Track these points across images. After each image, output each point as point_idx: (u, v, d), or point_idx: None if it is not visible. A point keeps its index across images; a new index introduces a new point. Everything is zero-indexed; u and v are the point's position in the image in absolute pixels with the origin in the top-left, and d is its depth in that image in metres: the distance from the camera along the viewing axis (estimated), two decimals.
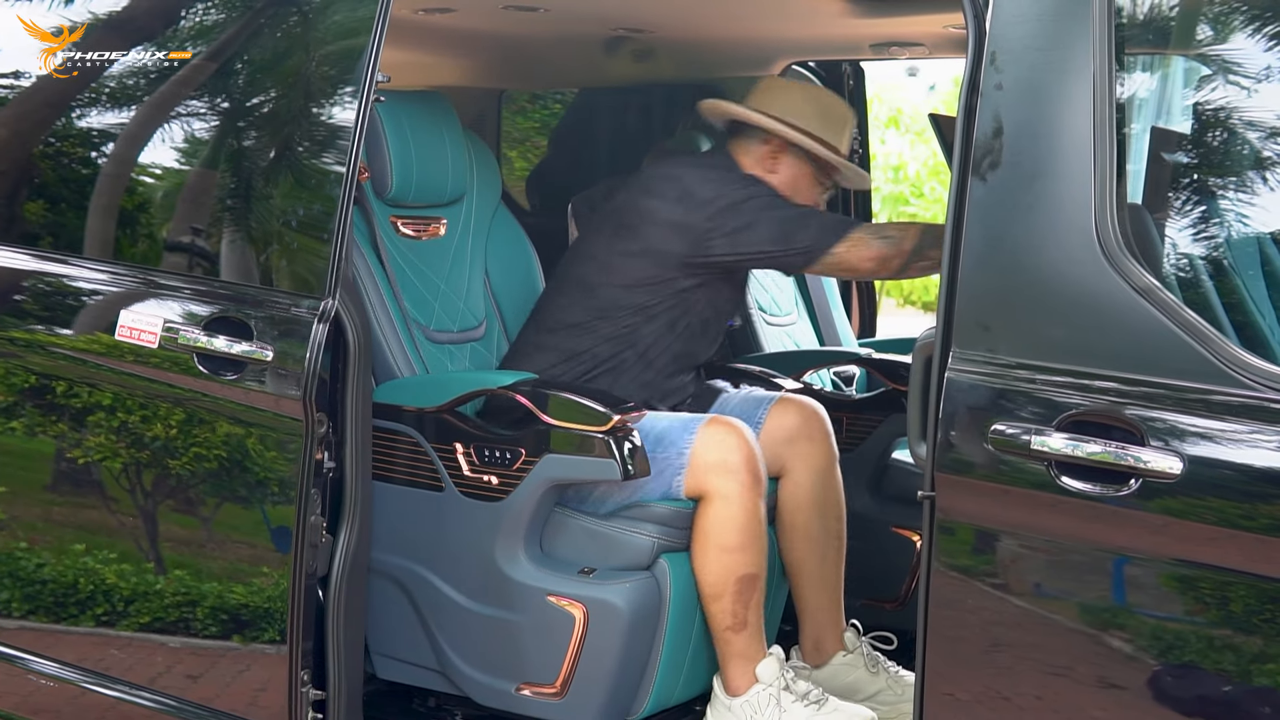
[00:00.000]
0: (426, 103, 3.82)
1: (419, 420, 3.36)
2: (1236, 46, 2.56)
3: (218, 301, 3.20)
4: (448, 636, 3.33)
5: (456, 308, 3.78)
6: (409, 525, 3.37)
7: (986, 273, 2.53)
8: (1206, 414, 2.34)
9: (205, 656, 3.27)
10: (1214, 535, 2.33)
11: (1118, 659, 2.41)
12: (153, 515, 3.32)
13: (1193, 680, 2.36)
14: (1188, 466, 2.32)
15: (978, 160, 2.54)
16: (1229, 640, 2.33)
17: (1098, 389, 2.42)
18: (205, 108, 3.36)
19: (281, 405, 3.08)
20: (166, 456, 3.26)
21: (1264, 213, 2.57)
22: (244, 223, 3.28)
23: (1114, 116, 2.45)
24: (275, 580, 3.12)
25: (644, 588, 3.19)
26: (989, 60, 2.55)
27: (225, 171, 3.33)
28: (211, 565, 3.24)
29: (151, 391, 3.25)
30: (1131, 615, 2.41)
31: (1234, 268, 2.51)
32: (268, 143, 3.28)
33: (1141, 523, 2.37)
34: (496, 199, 3.97)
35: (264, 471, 3.14)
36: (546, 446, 3.19)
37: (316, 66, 3.20)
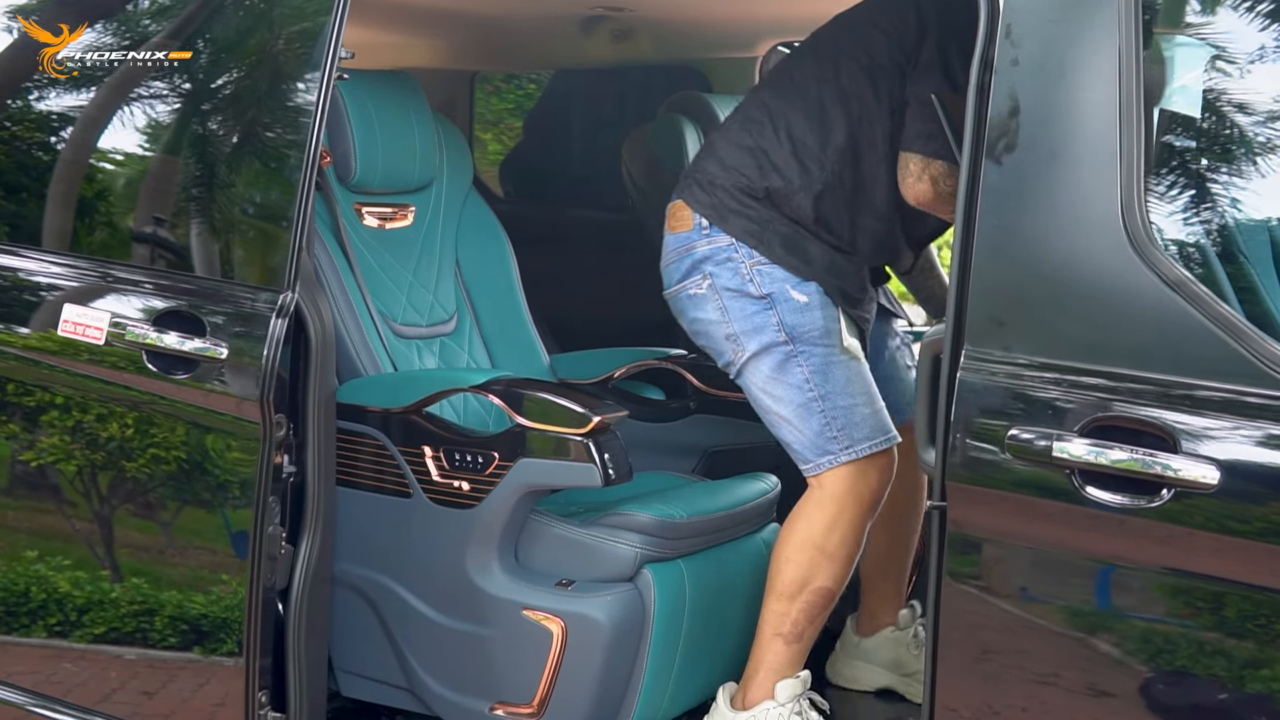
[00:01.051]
0: (393, 83, 3.60)
1: (384, 421, 3.15)
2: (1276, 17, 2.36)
3: (169, 295, 2.98)
4: (416, 652, 3.12)
5: (425, 300, 3.56)
6: (375, 534, 3.16)
7: (1001, 264, 2.33)
8: (1245, 418, 2.15)
9: (162, 670, 3.07)
10: (1254, 550, 2.13)
11: (1147, 680, 2.21)
12: (107, 521, 3.11)
13: (1234, 705, 2.17)
14: (1225, 476, 2.12)
15: (992, 142, 2.33)
16: (1271, 661, 2.13)
17: (1125, 391, 2.22)
18: (160, 90, 3.13)
19: (237, 406, 2.86)
20: (119, 460, 3.04)
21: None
22: (197, 211, 3.06)
23: (1141, 93, 2.25)
24: (233, 590, 2.91)
25: (626, 601, 2.98)
26: (1003, 34, 2.35)
27: (177, 157, 3.11)
28: (169, 573, 3.04)
29: (101, 392, 3.02)
30: (1163, 635, 2.21)
31: (1274, 258, 2.31)
32: (222, 126, 3.05)
33: (1175, 537, 2.17)
34: (467, 185, 3.76)
35: (220, 476, 2.93)
36: (522, 450, 2.98)
37: (276, 42, 2.97)
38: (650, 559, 3.02)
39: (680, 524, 3.06)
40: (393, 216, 3.56)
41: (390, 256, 3.51)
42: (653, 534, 3.02)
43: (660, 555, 3.04)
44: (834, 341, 3.10)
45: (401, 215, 3.58)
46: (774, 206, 3.14)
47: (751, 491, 3.32)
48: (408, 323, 3.50)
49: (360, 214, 3.49)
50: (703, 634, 3.12)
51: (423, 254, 3.60)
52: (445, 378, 3.25)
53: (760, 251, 3.12)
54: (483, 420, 3.46)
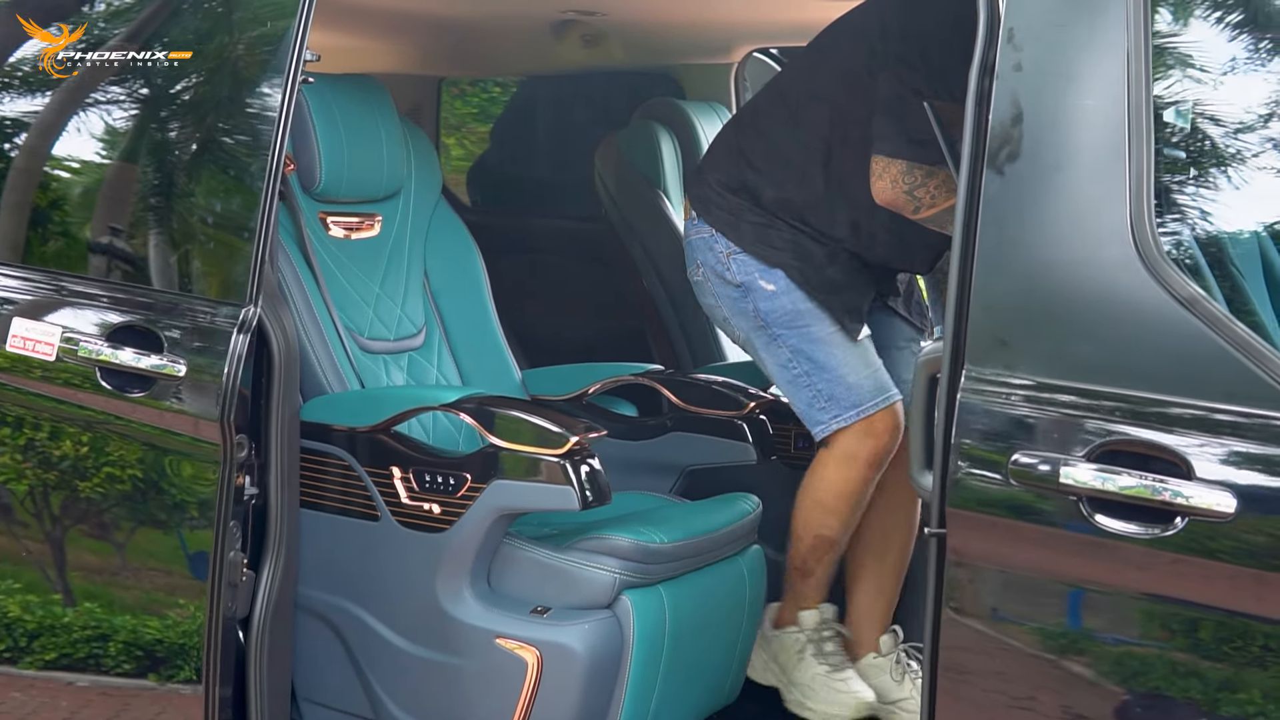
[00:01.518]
0: (359, 88, 3.47)
1: (351, 441, 3.01)
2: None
3: (124, 309, 2.83)
4: (384, 682, 2.98)
5: (393, 314, 3.43)
6: (340, 558, 3.02)
7: (1004, 280, 2.21)
8: (1264, 443, 2.04)
9: (116, 698, 2.92)
10: (1269, 582, 2.02)
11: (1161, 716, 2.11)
12: (59, 544, 2.96)
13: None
14: (1242, 504, 2.02)
15: (993, 151, 2.22)
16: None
17: (1135, 414, 2.10)
18: (117, 95, 2.99)
19: (195, 426, 2.72)
20: (72, 481, 2.89)
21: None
22: (155, 222, 2.91)
23: (1150, 100, 2.14)
24: (191, 615, 2.77)
25: (604, 629, 2.85)
26: (1005, 38, 2.23)
27: (134, 165, 2.96)
28: (124, 598, 2.89)
29: (53, 411, 2.87)
30: (1178, 670, 2.10)
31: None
32: (181, 132, 2.91)
33: (1190, 568, 2.06)
34: (436, 194, 3.63)
35: (178, 498, 2.78)
36: (495, 471, 2.84)
37: (237, 45, 2.83)
38: (629, 585, 2.89)
39: (661, 549, 2.93)
40: (359, 226, 3.43)
41: (356, 268, 3.38)
42: (632, 559, 2.90)
43: (640, 581, 2.91)
44: (806, 322, 3.27)
45: (368, 225, 3.45)
46: (749, 198, 3.33)
47: (733, 513, 3.19)
48: (375, 337, 3.36)
49: (325, 224, 3.36)
50: (684, 662, 3.00)
51: (390, 265, 3.47)
52: (415, 395, 3.12)
53: (734, 241, 3.32)
54: (453, 439, 3.33)
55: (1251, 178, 2.28)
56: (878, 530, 3.44)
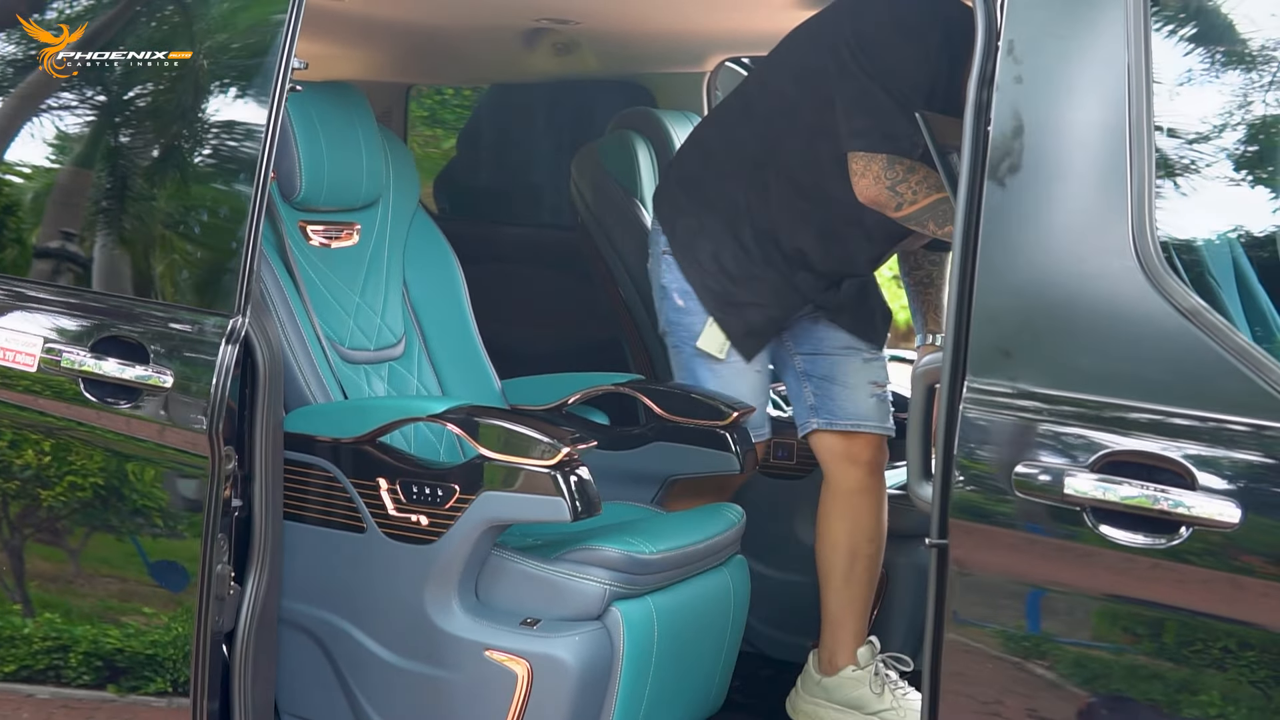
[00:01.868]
0: (338, 95, 3.44)
1: (334, 452, 2.98)
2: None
3: (107, 319, 2.79)
4: (370, 696, 2.95)
5: (373, 323, 3.40)
6: (324, 570, 2.99)
7: (1006, 291, 2.22)
8: (1265, 453, 2.05)
9: (78, 710, 2.87)
10: (1274, 591, 2.04)
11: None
12: (18, 555, 2.91)
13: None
14: (1246, 514, 2.03)
15: (994, 163, 2.23)
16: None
17: (1139, 424, 2.12)
18: (100, 100, 2.94)
19: (182, 438, 2.68)
20: (39, 491, 2.85)
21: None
22: (140, 230, 2.87)
23: (1151, 111, 2.16)
24: (166, 626, 2.73)
25: (594, 640, 2.83)
26: (1005, 50, 2.24)
27: (115, 173, 2.91)
28: (87, 608, 2.85)
29: (33, 422, 2.83)
30: (1184, 681, 2.11)
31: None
32: (168, 140, 2.86)
33: (1194, 578, 2.07)
34: (414, 202, 3.60)
35: (162, 511, 2.74)
36: (484, 482, 2.82)
37: (225, 51, 2.80)
38: (619, 596, 2.88)
39: (650, 559, 2.92)
40: (338, 235, 3.40)
41: (336, 277, 3.35)
42: (621, 570, 2.88)
43: (629, 592, 2.90)
44: (689, 338, 3.44)
45: (347, 234, 3.42)
46: (695, 195, 3.44)
47: (719, 524, 3.19)
48: (355, 347, 3.34)
49: (305, 232, 3.33)
50: (671, 672, 2.99)
51: (369, 275, 3.44)
52: (401, 406, 3.09)
53: (669, 239, 3.46)
54: (433, 449, 3.31)
55: (1257, 188, 2.30)
56: (847, 545, 3.46)
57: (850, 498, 3.47)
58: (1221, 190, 2.30)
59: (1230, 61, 2.28)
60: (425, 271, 3.57)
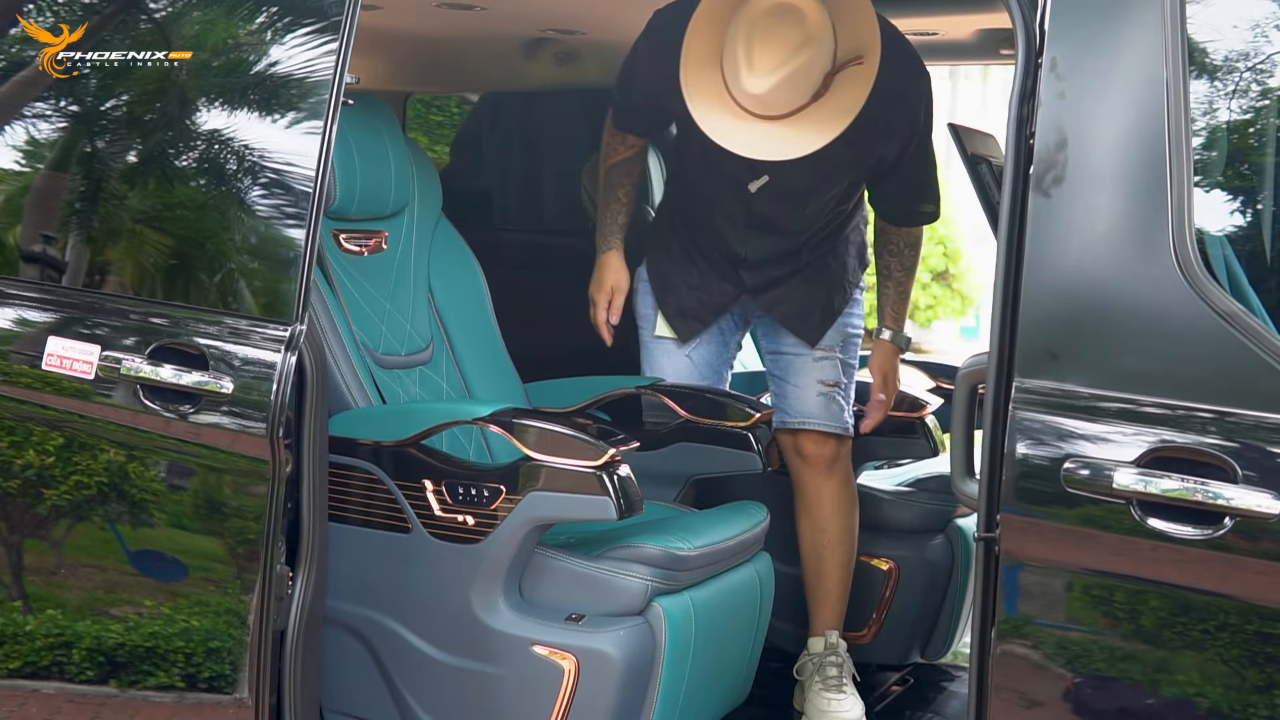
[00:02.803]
0: (367, 107, 3.52)
1: (379, 455, 3.07)
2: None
3: (165, 327, 2.87)
4: (416, 692, 3.04)
5: (403, 329, 3.48)
6: (369, 570, 3.07)
7: (1052, 296, 2.34)
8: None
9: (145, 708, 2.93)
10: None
11: (1213, 716, 2.24)
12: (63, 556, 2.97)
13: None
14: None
15: (1039, 174, 2.35)
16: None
17: (1182, 422, 2.24)
18: (145, 111, 3.01)
19: (242, 442, 2.76)
20: (114, 496, 2.91)
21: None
22: (197, 240, 2.94)
23: (1188, 123, 2.29)
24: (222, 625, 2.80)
25: (638, 635, 2.93)
26: (1049, 67, 2.36)
27: (167, 184, 2.99)
28: (178, 616, 2.89)
29: (91, 428, 2.89)
30: (1225, 666, 2.23)
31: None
32: (226, 151, 2.94)
33: (1238, 566, 2.20)
34: (438, 211, 3.69)
35: (225, 513, 2.81)
36: (530, 483, 2.92)
37: (278, 69, 2.88)
38: (660, 591, 2.98)
39: (688, 555, 3.03)
40: (369, 243, 3.48)
41: (369, 285, 3.43)
42: (662, 566, 2.98)
43: (669, 588, 3.00)
44: (648, 326, 3.70)
45: (377, 242, 3.50)
46: (670, 188, 3.84)
47: (747, 521, 3.30)
48: (388, 352, 3.42)
49: (339, 241, 3.41)
50: (707, 664, 3.10)
51: (398, 282, 3.53)
52: (446, 410, 3.18)
53: (650, 238, 3.77)
54: (462, 449, 3.39)
55: None
56: (809, 538, 3.64)
57: (804, 493, 3.66)
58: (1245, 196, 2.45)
59: (1260, 73, 2.41)
60: (450, 278, 3.66)
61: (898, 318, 3.68)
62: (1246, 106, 2.41)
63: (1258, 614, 2.22)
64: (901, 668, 4.00)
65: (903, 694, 3.90)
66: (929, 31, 3.86)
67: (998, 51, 3.95)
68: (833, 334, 3.64)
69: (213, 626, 2.84)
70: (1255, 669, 2.21)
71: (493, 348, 3.66)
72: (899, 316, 3.68)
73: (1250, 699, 2.21)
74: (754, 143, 3.18)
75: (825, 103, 3.16)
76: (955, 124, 2.95)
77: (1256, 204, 2.46)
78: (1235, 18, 2.39)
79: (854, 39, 3.18)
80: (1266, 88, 2.40)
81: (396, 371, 3.42)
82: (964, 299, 12.14)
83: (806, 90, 3.14)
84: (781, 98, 3.13)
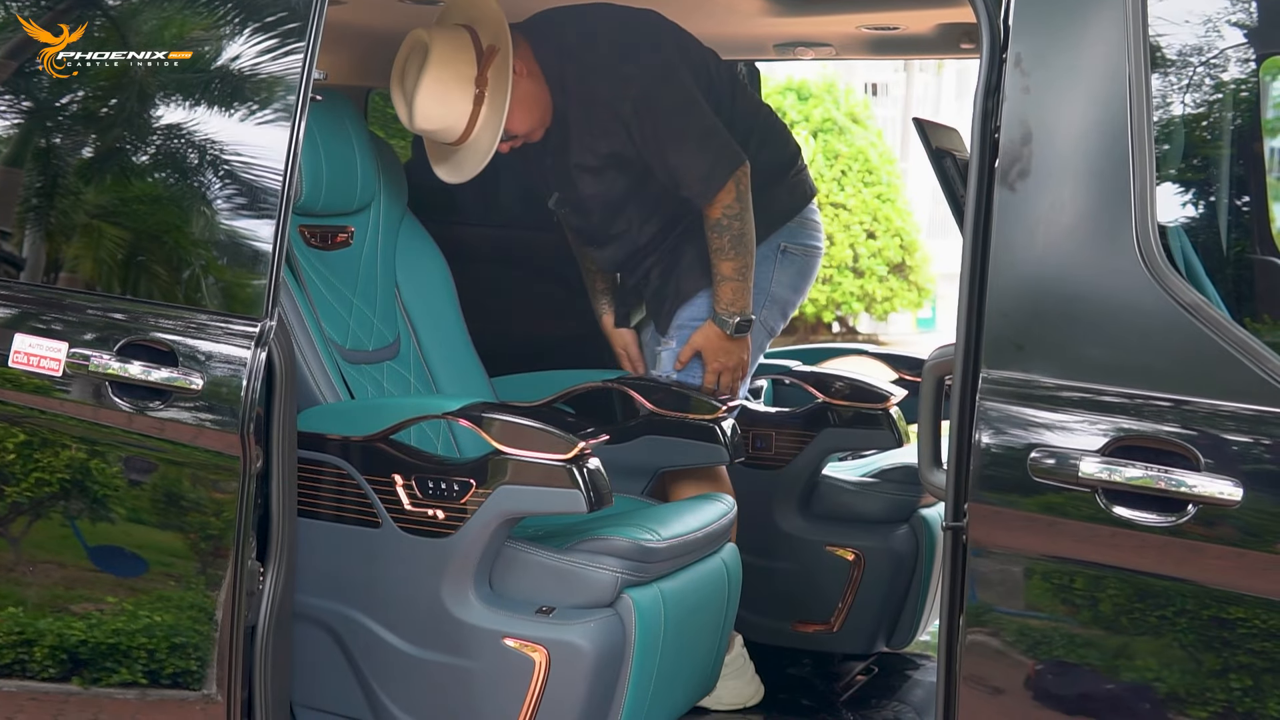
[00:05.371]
0: (333, 103, 3.52)
1: (345, 450, 3.07)
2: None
3: (134, 324, 2.86)
4: (387, 686, 3.05)
5: (370, 325, 3.49)
6: (340, 565, 3.07)
7: (1018, 288, 2.37)
8: (1265, 436, 2.23)
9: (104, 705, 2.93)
10: (1277, 564, 2.21)
11: (1174, 700, 2.28)
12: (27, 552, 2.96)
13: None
14: (1248, 492, 2.20)
15: (1004, 168, 2.38)
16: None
17: (1146, 411, 2.28)
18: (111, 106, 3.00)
19: (212, 439, 2.76)
20: (81, 493, 2.90)
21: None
22: (166, 235, 2.94)
23: (1151, 117, 2.32)
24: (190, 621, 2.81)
25: (608, 626, 2.95)
26: (1014, 62, 2.39)
27: (132, 179, 2.98)
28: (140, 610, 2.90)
29: (57, 426, 2.89)
30: (1190, 651, 2.27)
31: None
32: (191, 146, 2.93)
33: (1201, 552, 2.24)
34: (403, 206, 3.70)
35: (189, 512, 2.81)
36: (500, 476, 2.93)
37: (246, 66, 2.88)
38: (630, 583, 3.00)
39: (657, 547, 3.05)
40: (335, 239, 3.48)
41: (336, 280, 3.44)
42: (631, 558, 3.00)
43: (639, 579, 3.02)
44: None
45: (342, 237, 3.51)
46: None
47: (714, 513, 3.32)
48: (355, 347, 3.43)
49: (305, 236, 3.41)
50: (676, 655, 3.12)
51: (363, 277, 3.53)
52: (415, 404, 3.19)
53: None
54: (430, 444, 3.40)
55: (1252, 186, 2.48)
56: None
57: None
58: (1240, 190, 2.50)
59: (1219, 67, 2.45)
60: (416, 273, 3.66)
61: (720, 300, 3.60)
62: (1207, 100, 2.45)
63: (1216, 599, 2.26)
64: (867, 657, 4.04)
65: (868, 683, 3.94)
66: (890, 26, 3.88)
67: (958, 46, 3.98)
68: (672, 327, 3.74)
69: (179, 623, 2.84)
70: (1212, 653, 2.26)
71: (459, 342, 3.67)
72: (721, 299, 3.60)
73: (1208, 683, 2.26)
74: (459, 167, 3.52)
75: (488, 103, 3.42)
76: (920, 118, 2.98)
77: (1216, 196, 2.51)
78: (1196, 12, 2.43)
79: (489, 36, 3.45)
80: (1226, 81, 2.44)
81: (364, 367, 3.43)
82: (921, 291, 12.22)
83: (457, 103, 3.42)
84: (437, 118, 3.44)
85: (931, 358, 2.58)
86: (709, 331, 3.62)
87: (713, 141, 3.51)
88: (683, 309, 3.70)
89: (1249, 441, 2.24)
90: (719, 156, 3.50)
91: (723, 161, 3.50)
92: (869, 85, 16.37)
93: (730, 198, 3.51)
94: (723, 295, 3.58)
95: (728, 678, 3.55)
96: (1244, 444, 2.24)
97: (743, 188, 3.53)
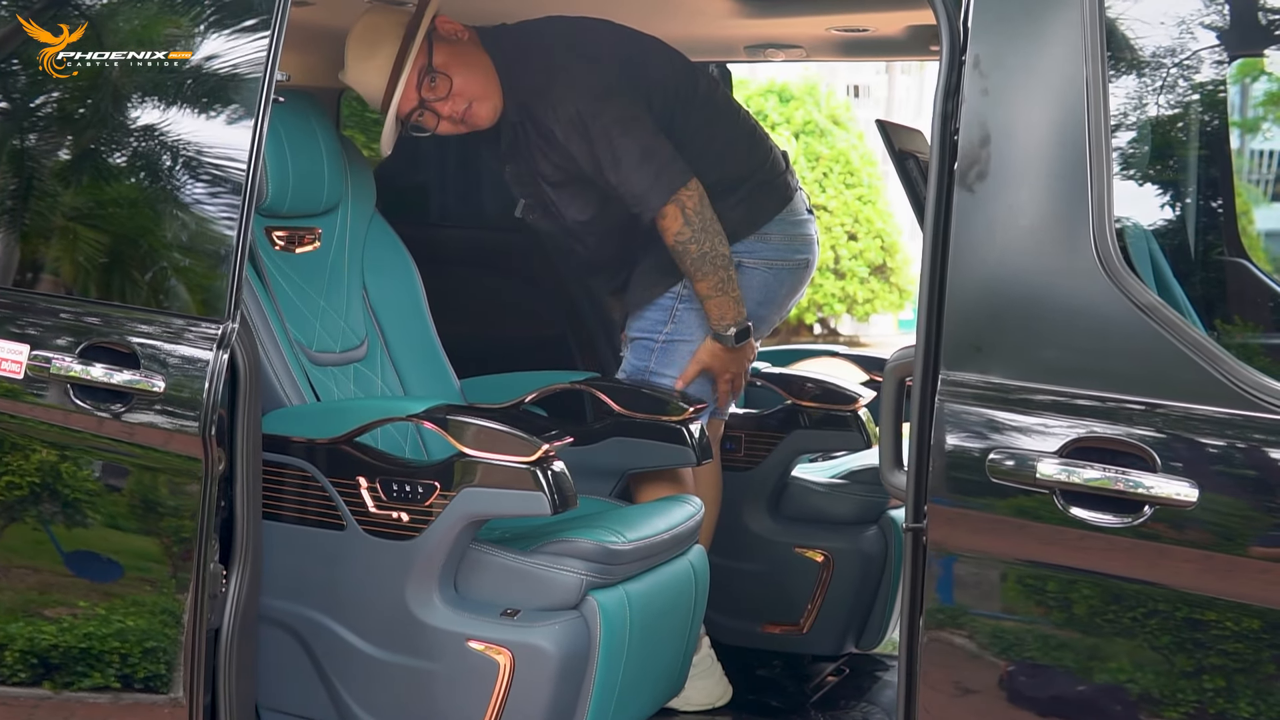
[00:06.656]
0: (299, 102, 3.52)
1: (310, 452, 3.07)
2: (1228, 50, 2.46)
3: (96, 326, 2.86)
4: (352, 689, 3.04)
5: (338, 326, 3.48)
6: (304, 567, 3.07)
7: (977, 290, 2.37)
8: (1220, 438, 2.23)
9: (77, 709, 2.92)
10: (1232, 565, 2.21)
11: (1137, 700, 2.28)
12: None
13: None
14: (1204, 493, 2.21)
15: (963, 170, 2.38)
16: (1256, 676, 2.22)
17: (1103, 412, 2.28)
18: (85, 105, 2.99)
19: (174, 441, 2.76)
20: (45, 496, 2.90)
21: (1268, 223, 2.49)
22: (128, 237, 2.93)
23: (1108, 120, 2.33)
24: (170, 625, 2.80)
25: (573, 629, 2.95)
26: (972, 64, 2.40)
27: (97, 179, 2.98)
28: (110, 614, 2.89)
29: (21, 429, 2.88)
30: (1150, 651, 2.28)
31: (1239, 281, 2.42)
32: (154, 146, 2.93)
33: (1158, 553, 2.24)
34: (371, 207, 3.69)
35: (155, 515, 2.81)
36: (465, 479, 2.93)
37: (209, 66, 2.87)
38: (594, 585, 3.00)
39: (622, 549, 3.05)
40: (302, 240, 3.48)
41: (301, 282, 3.43)
42: (596, 560, 3.00)
43: (604, 581, 3.02)
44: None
45: (309, 239, 3.50)
46: None
47: (681, 514, 3.32)
48: (322, 349, 3.42)
49: (271, 238, 3.40)
50: (642, 657, 3.12)
51: (332, 279, 3.52)
52: (379, 407, 3.18)
53: None
54: (397, 446, 3.40)
55: (1209, 187, 2.49)
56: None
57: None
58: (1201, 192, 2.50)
59: (1179, 71, 2.46)
60: (384, 274, 3.66)
61: (710, 318, 3.58)
62: (1165, 101, 2.46)
63: (1172, 600, 2.26)
64: (837, 658, 4.04)
65: (838, 684, 3.95)
66: (860, 28, 3.89)
67: (928, 48, 3.99)
68: (628, 338, 3.75)
69: (148, 626, 2.83)
70: (1184, 654, 2.26)
71: (428, 344, 3.67)
72: (711, 316, 3.58)
73: (1180, 683, 2.26)
74: (386, 140, 3.56)
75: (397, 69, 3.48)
76: (882, 120, 2.99)
77: (1176, 198, 2.52)
78: (1154, 14, 2.44)
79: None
80: (1184, 83, 2.45)
81: (331, 369, 3.43)
82: (902, 292, 12.24)
83: (372, 73, 3.51)
84: (358, 83, 3.55)
85: (893, 359, 2.58)
86: (712, 348, 3.61)
87: (652, 162, 3.44)
88: (633, 320, 3.70)
89: (1205, 443, 2.24)
90: (658, 176, 3.44)
91: (661, 181, 3.44)
92: (851, 87, 16.38)
93: (678, 223, 3.45)
94: (711, 313, 3.57)
95: (695, 678, 3.55)
96: (1200, 445, 2.24)
97: (691, 207, 3.45)
